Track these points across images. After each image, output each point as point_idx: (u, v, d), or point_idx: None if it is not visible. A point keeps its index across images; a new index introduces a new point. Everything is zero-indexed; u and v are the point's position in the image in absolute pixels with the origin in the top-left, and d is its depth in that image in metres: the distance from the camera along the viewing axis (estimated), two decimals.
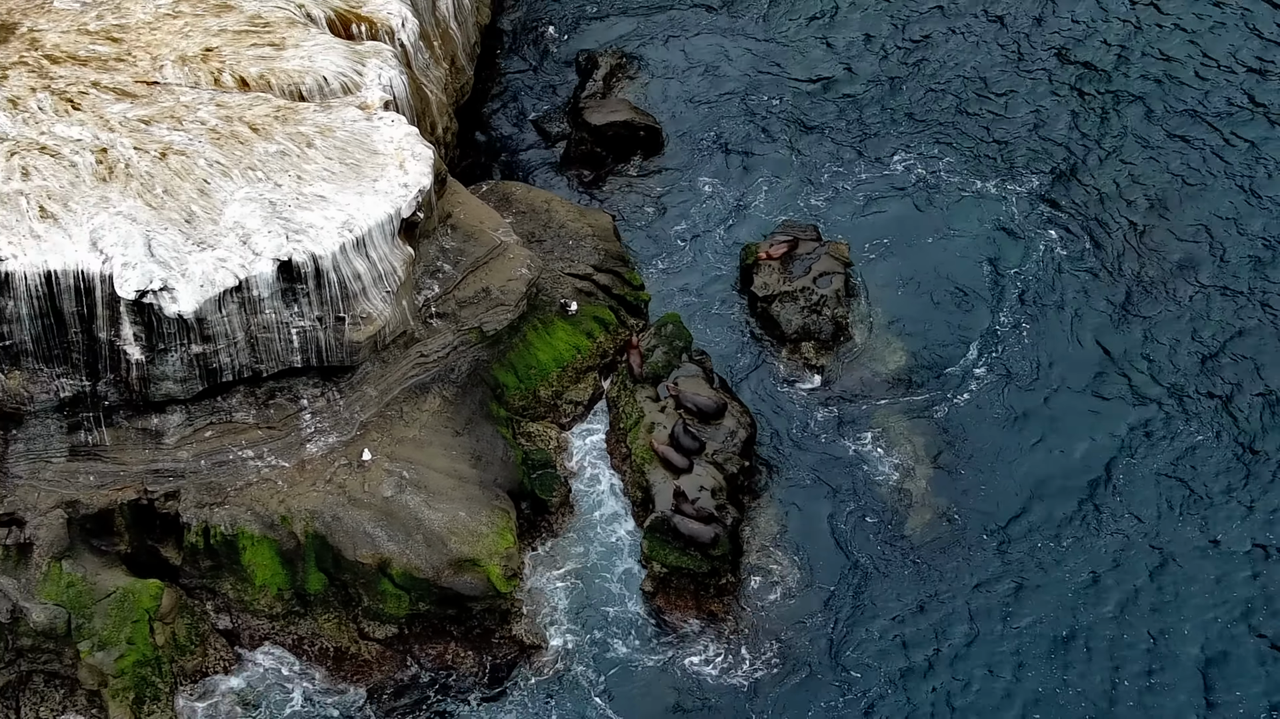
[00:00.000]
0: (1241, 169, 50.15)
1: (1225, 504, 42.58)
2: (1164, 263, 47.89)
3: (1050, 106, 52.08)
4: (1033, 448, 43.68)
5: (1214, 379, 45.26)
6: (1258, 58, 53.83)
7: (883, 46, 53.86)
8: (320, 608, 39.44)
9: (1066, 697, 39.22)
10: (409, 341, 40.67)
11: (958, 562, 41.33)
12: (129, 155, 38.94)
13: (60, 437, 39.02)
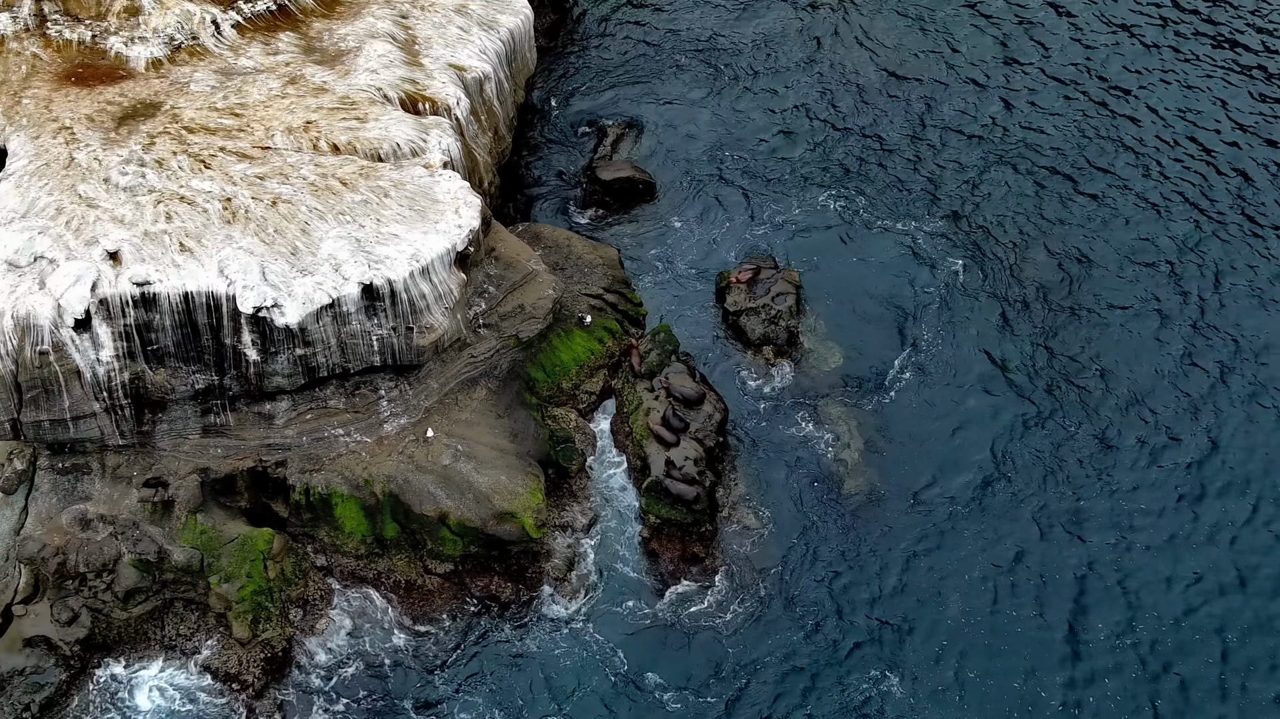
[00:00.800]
0: (1091, 213, 50.70)
1: (1087, 478, 43.84)
2: (1033, 286, 48.44)
3: (944, 163, 52.23)
4: (940, 431, 44.88)
5: (1075, 379, 46.13)
6: (1106, 133, 54.06)
7: (817, 116, 53.68)
8: (394, 549, 41.03)
9: (968, 619, 40.90)
10: (462, 346, 42.03)
11: (882, 517, 42.93)
12: (248, 203, 40.46)
13: (195, 418, 40.63)
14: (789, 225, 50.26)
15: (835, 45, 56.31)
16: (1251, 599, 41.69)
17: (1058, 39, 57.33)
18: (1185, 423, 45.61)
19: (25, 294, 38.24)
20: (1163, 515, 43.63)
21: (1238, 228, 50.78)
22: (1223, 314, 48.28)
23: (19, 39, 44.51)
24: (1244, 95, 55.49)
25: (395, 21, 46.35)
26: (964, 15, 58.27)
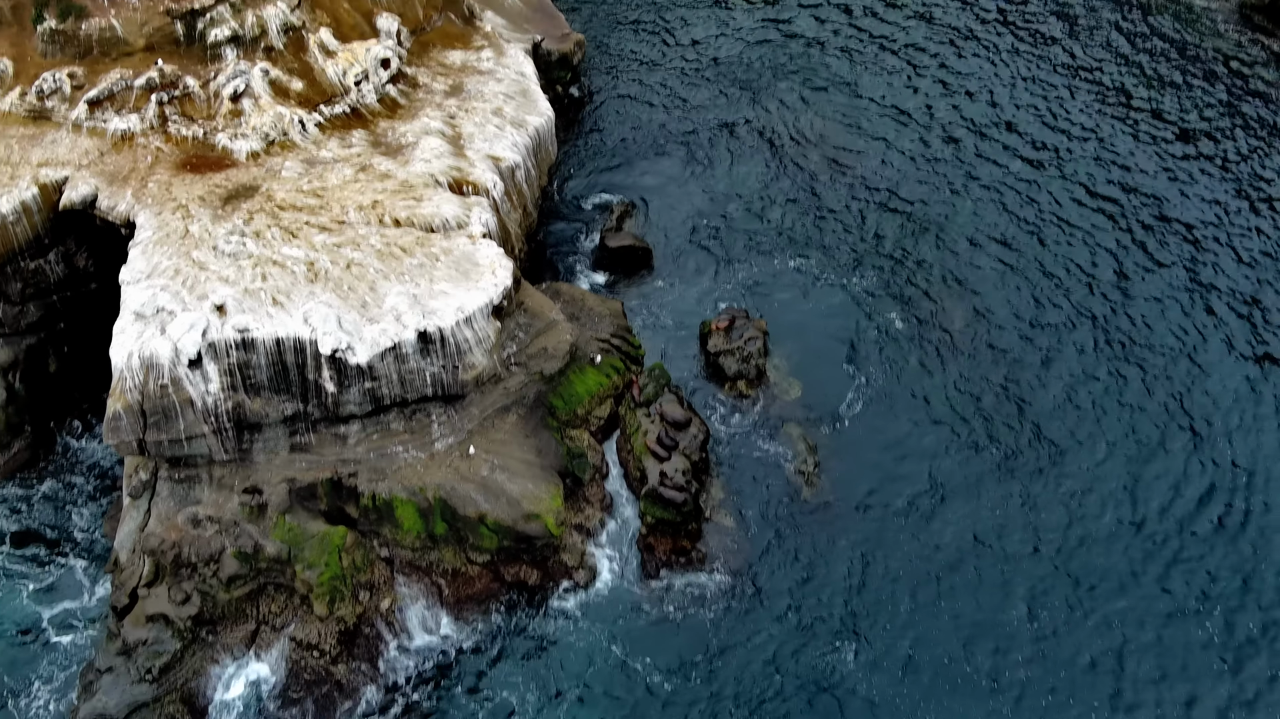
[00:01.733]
0: (994, 273, 50.82)
1: (1001, 488, 44.24)
2: (951, 332, 48.71)
3: (879, 233, 52.22)
4: (881, 449, 45.27)
5: (987, 406, 46.56)
6: (1008, 209, 53.82)
7: (777, 195, 53.71)
8: (443, 543, 41.73)
9: (908, 603, 41.36)
10: (497, 380, 42.70)
11: (834, 519, 43.48)
12: (327, 266, 41.42)
13: (284, 438, 41.46)
14: (758, 283, 50.71)
15: (790, 138, 56.17)
16: (1139, 590, 41.88)
17: (969, 134, 57.04)
18: (1079, 440, 45.88)
19: (150, 339, 39.20)
20: (1062, 518, 43.83)
21: (1114, 282, 50.77)
22: (1108, 350, 48.41)
23: (145, 135, 45.05)
24: (1138, 170, 55.08)
25: (445, 121, 46.94)
26: (891, 115, 57.86)
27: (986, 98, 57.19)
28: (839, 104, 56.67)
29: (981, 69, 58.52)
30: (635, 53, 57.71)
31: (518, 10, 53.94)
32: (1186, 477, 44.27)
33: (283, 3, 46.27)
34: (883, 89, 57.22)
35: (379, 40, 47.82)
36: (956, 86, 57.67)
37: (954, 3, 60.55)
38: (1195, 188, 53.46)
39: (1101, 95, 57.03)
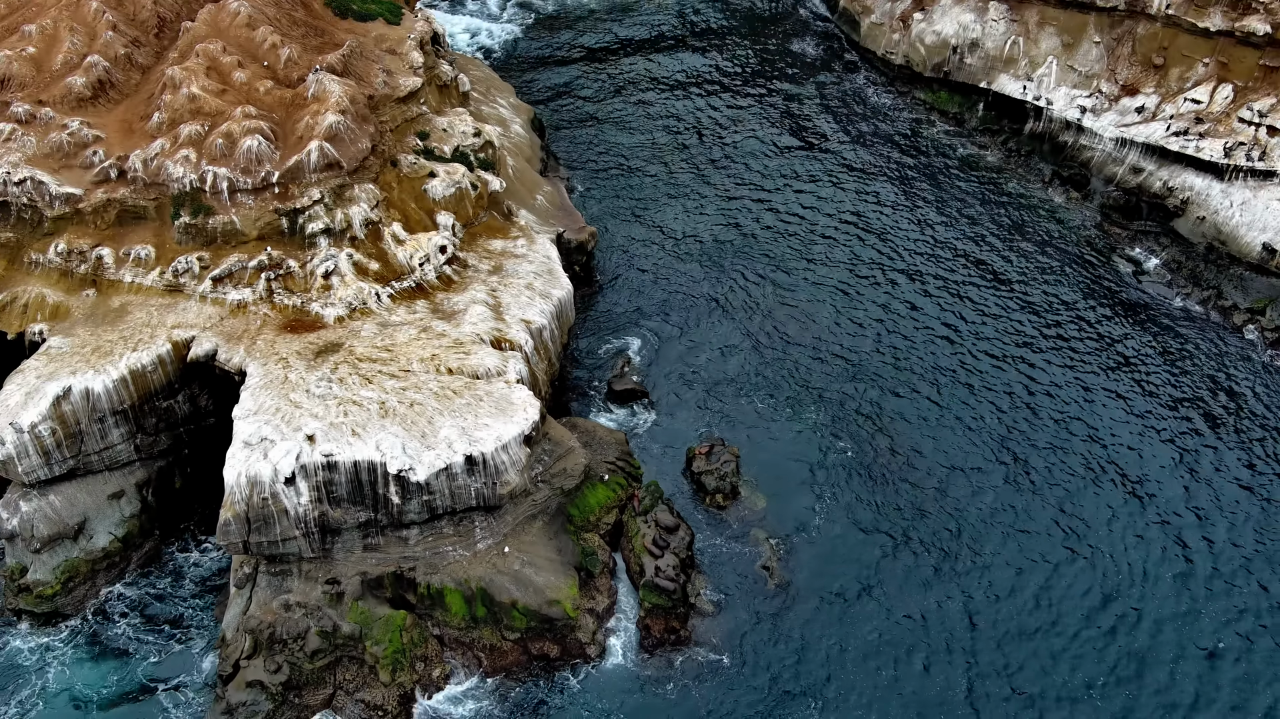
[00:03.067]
0: (925, 412, 50.87)
1: (937, 578, 44.18)
2: (891, 458, 48.94)
3: (831, 378, 52.42)
4: (833, 550, 45.50)
5: (921, 515, 46.61)
6: (933, 360, 53.60)
7: (751, 350, 53.96)
8: (483, 624, 42.10)
9: (861, 672, 41.39)
10: (527, 494, 43.24)
11: (795, 604, 43.72)
12: (395, 405, 42.16)
13: (358, 540, 42.07)
14: (733, 418, 51.13)
15: (755, 305, 56.57)
16: (1054, 668, 41.76)
17: (900, 307, 57.54)
18: (993, 545, 46.18)
19: (255, 462, 40.25)
20: (988, 606, 43.81)
21: (1019, 421, 51.00)
22: (1015, 478, 48.63)
23: (255, 304, 46.36)
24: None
25: (488, 293, 48.17)
26: (834, 289, 57.90)
27: (912, 276, 58.04)
28: (793, 278, 57.35)
29: (909, 257, 59.24)
30: (634, 239, 58.65)
31: (545, 209, 55.21)
32: (1082, 580, 44.47)
33: (364, 203, 47.63)
34: (827, 268, 57.93)
35: (438, 231, 49.07)
36: (888, 268, 58.31)
37: (885, 209, 61.46)
38: (1071, 354, 54.33)
39: (994, 277, 57.91)
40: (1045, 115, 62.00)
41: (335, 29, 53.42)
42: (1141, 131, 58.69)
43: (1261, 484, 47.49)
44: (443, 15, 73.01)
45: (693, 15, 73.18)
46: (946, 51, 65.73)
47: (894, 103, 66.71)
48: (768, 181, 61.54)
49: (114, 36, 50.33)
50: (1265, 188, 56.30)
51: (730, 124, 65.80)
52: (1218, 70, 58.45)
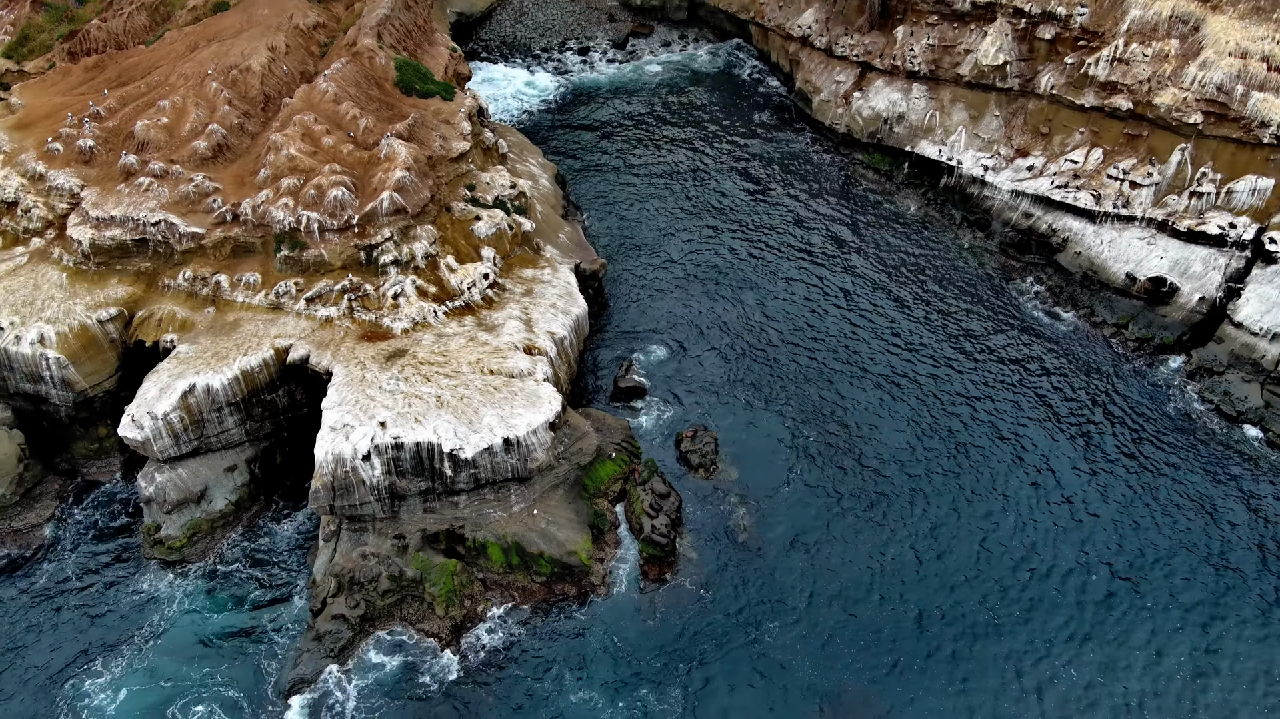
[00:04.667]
0: (886, 402, 49.82)
1: (883, 533, 43.76)
2: (847, 439, 48.28)
3: (804, 377, 51.15)
4: (796, 511, 44.94)
5: (874, 485, 45.97)
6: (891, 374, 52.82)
7: (728, 357, 52.14)
8: (517, 570, 41.87)
9: (822, 602, 40.96)
10: (551, 468, 42.97)
11: (763, 552, 43.33)
12: (449, 399, 41.85)
13: (419, 504, 41.78)
14: (714, 409, 50.48)
15: (743, 321, 55.56)
16: (994, 596, 41.67)
17: (862, 324, 56.53)
18: (936, 506, 45.42)
19: (339, 443, 40.04)
20: (930, 552, 43.49)
21: (959, 410, 50.49)
22: (948, 449, 48.05)
23: (339, 319, 45.91)
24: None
25: (521, 311, 47.78)
26: (811, 308, 56.85)
27: (858, 296, 57.53)
28: (763, 299, 56.61)
29: (855, 282, 58.66)
30: (636, 267, 58.05)
31: (566, 245, 54.97)
32: (1004, 537, 44.05)
33: (425, 240, 47.46)
34: (791, 291, 57.13)
35: (482, 263, 48.86)
36: (840, 290, 57.72)
37: (834, 244, 60.86)
38: (979, 358, 53.81)
39: (920, 299, 57.43)
40: (956, 172, 61.73)
41: (403, 104, 53.28)
42: (1031, 185, 58.50)
43: (1129, 460, 47.46)
44: (487, 87, 72.41)
45: (679, 93, 73.49)
46: (879, 122, 65.54)
47: (838, 161, 66.51)
48: (742, 222, 61.15)
49: (229, 110, 50.35)
50: (1128, 229, 56.20)
51: (711, 178, 65.59)
52: (1091, 137, 58.22)
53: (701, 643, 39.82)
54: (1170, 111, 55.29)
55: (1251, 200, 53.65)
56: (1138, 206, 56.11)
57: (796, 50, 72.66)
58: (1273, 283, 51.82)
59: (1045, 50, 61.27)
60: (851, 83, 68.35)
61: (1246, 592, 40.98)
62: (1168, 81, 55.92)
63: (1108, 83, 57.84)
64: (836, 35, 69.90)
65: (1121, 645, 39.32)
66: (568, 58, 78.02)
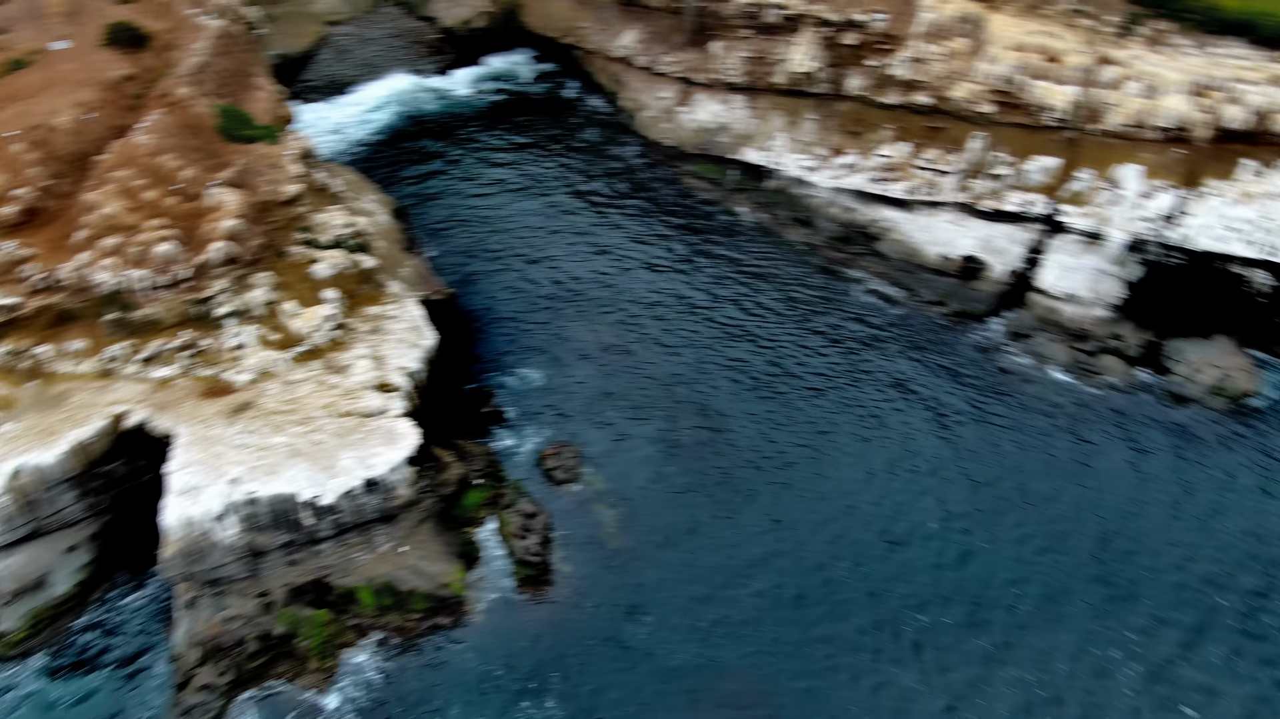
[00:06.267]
0: (727, 398, 50.88)
1: (730, 529, 44.66)
2: (699, 448, 48.33)
3: (660, 394, 50.41)
4: (657, 516, 45.36)
5: (725, 488, 46.49)
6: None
7: (587, 375, 51.65)
8: (391, 610, 40.91)
9: (685, 595, 41.20)
10: (417, 503, 42.25)
11: (631, 557, 43.54)
12: (302, 446, 40.51)
13: (282, 557, 40.04)
14: (575, 425, 50.16)
15: (591, 337, 55.41)
16: (838, 568, 42.69)
17: (712, 336, 57.76)
18: (790, 500, 46.48)
19: (188, 506, 38.29)
20: (785, 538, 44.21)
21: (801, 411, 51.45)
22: (800, 440, 49.10)
23: (179, 379, 43.32)
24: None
25: (370, 349, 46.41)
26: (653, 324, 57.76)
27: (702, 300, 58.18)
28: (612, 312, 56.56)
29: (698, 284, 59.14)
30: (483, 293, 57.36)
31: (410, 278, 53.79)
32: (863, 517, 45.02)
33: (263, 288, 45.79)
34: (638, 301, 57.34)
35: (325, 305, 47.14)
36: (684, 295, 58.27)
37: (675, 248, 61.58)
38: (819, 346, 55.44)
39: (758, 295, 58.67)
40: (780, 175, 63.58)
41: (227, 151, 50.92)
42: (849, 181, 60.87)
43: (971, 419, 49.85)
44: (316, 127, 70.22)
45: (509, 117, 73.54)
46: (705, 134, 67.11)
47: (670, 174, 67.61)
48: (586, 238, 61.36)
49: (38, 171, 46.81)
50: (938, 214, 59.17)
51: (550, 197, 65.59)
52: (898, 133, 61.06)
53: (582, 652, 39.71)
54: (965, 104, 58.69)
55: (1042, 178, 57.44)
56: (945, 193, 59.20)
57: (619, 70, 73.55)
58: (1066, 251, 55.61)
59: (850, 55, 63.99)
60: (675, 98, 69.63)
61: (1082, 524, 43.97)
62: (960, 76, 59.29)
63: (908, 81, 60.88)
64: (657, 54, 71.09)
65: (982, 596, 41.20)
66: (396, 91, 76.41)
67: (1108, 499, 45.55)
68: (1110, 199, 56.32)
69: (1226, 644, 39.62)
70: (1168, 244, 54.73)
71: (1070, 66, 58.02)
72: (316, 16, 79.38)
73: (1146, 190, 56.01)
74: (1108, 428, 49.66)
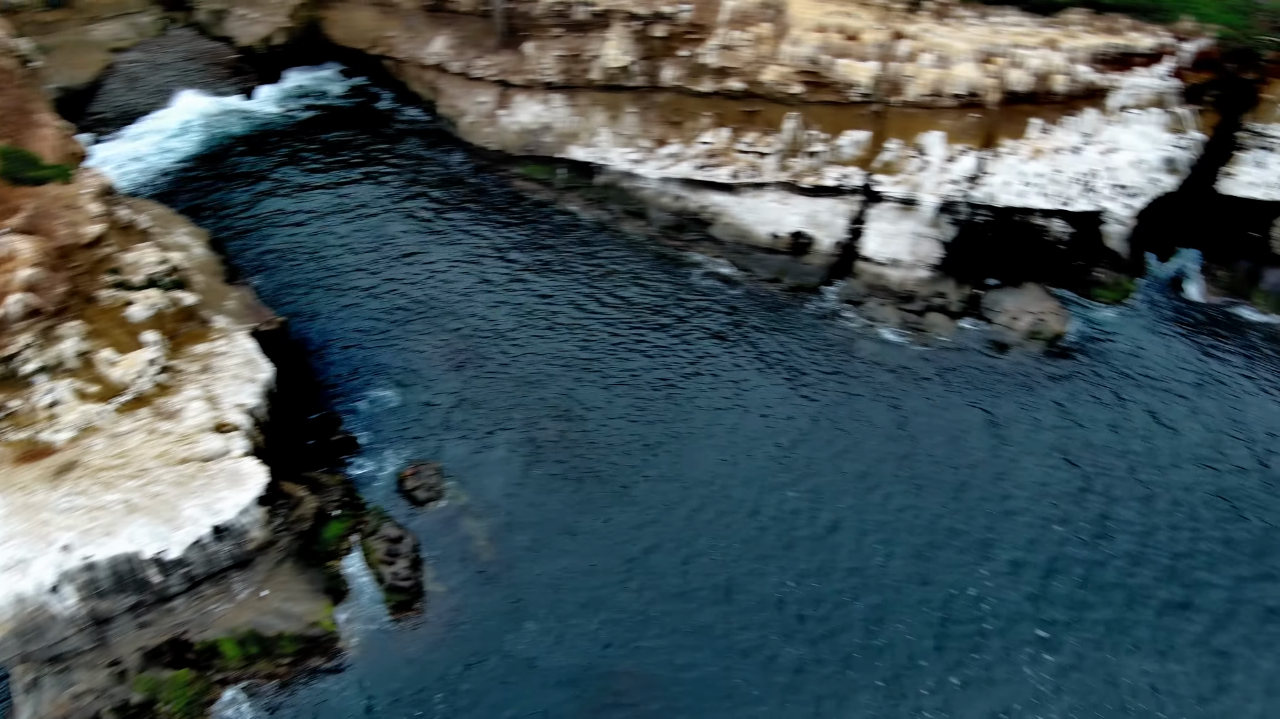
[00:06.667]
0: (585, 393, 51.47)
1: (600, 527, 44.74)
2: (565, 431, 48.92)
3: (521, 401, 51.78)
4: (529, 515, 45.16)
5: (583, 487, 47.28)
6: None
7: (448, 387, 52.63)
8: (259, 658, 39.63)
9: (554, 603, 41.41)
10: (273, 543, 41.04)
11: (504, 568, 43.39)
12: (139, 501, 38.72)
13: (131, 621, 38.26)
14: (431, 441, 49.30)
15: (438, 351, 54.82)
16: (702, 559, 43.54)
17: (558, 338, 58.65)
18: (657, 486, 47.07)
19: (16, 582, 36.01)
20: (656, 528, 44.85)
21: (668, 405, 52.49)
22: (660, 420, 49.86)
23: (69, 446, 40.76)
24: None
25: (202, 389, 44.39)
26: (503, 328, 57.62)
27: (545, 302, 58.35)
28: (460, 321, 55.88)
29: (542, 289, 59.20)
30: (318, 317, 55.67)
31: (237, 310, 51.64)
32: (732, 499, 46.15)
33: (73, 338, 42.97)
34: (482, 308, 57.09)
35: (146, 348, 44.76)
36: (532, 299, 58.37)
37: (511, 253, 61.33)
38: (670, 330, 56.72)
39: (602, 290, 59.38)
40: (607, 170, 64.56)
41: (14, 196, 47.02)
42: (675, 170, 62.49)
43: (826, 384, 52.06)
44: (114, 160, 66.15)
45: (323, 134, 71.40)
46: (529, 135, 67.28)
47: (498, 178, 67.38)
48: (421, 250, 60.48)
49: None
50: (763, 195, 61.60)
51: (377, 213, 64.08)
52: (717, 119, 63.12)
53: (465, 670, 39.40)
54: (775, 86, 61.25)
55: (855, 152, 60.73)
56: (767, 173, 61.64)
57: (434, 78, 72.74)
58: (885, 218, 59.07)
59: (662, 47, 65.56)
60: (495, 101, 69.49)
61: (938, 476, 46.70)
62: (768, 60, 61.83)
63: (720, 69, 62.96)
64: (470, 59, 70.70)
65: (856, 559, 43.21)
66: (198, 116, 73.01)
67: (955, 449, 48.41)
68: (919, 166, 60.17)
69: (1077, 577, 42.80)
70: (975, 203, 58.99)
71: (868, 43, 61.53)
72: (99, 44, 74.69)
73: (950, 155, 60.16)
74: (943, 381, 53.00)
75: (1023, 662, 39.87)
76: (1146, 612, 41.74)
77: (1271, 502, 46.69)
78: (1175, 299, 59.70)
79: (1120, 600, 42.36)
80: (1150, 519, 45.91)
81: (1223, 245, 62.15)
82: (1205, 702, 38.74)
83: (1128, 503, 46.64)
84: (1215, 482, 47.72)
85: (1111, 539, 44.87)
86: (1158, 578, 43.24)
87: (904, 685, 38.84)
